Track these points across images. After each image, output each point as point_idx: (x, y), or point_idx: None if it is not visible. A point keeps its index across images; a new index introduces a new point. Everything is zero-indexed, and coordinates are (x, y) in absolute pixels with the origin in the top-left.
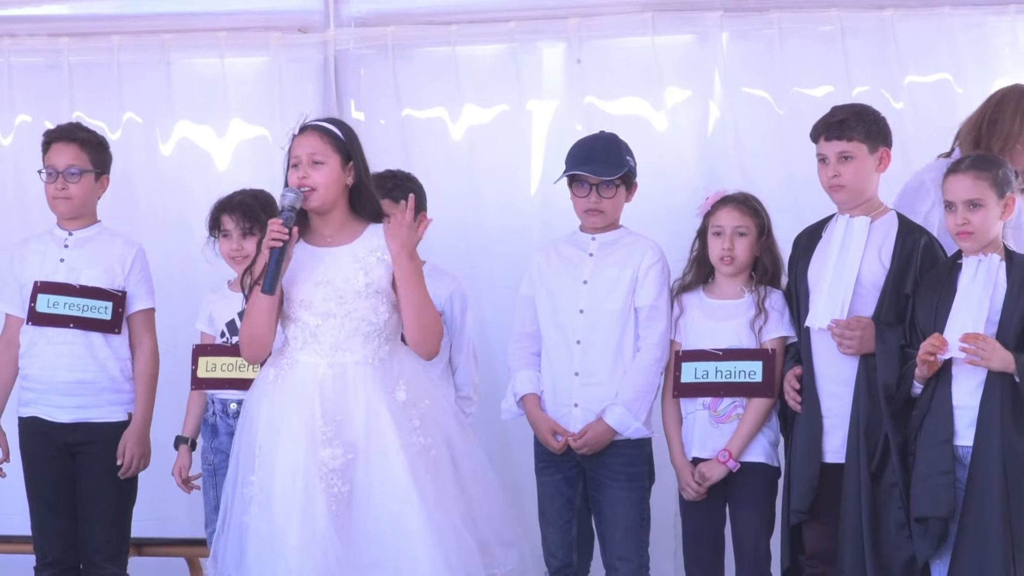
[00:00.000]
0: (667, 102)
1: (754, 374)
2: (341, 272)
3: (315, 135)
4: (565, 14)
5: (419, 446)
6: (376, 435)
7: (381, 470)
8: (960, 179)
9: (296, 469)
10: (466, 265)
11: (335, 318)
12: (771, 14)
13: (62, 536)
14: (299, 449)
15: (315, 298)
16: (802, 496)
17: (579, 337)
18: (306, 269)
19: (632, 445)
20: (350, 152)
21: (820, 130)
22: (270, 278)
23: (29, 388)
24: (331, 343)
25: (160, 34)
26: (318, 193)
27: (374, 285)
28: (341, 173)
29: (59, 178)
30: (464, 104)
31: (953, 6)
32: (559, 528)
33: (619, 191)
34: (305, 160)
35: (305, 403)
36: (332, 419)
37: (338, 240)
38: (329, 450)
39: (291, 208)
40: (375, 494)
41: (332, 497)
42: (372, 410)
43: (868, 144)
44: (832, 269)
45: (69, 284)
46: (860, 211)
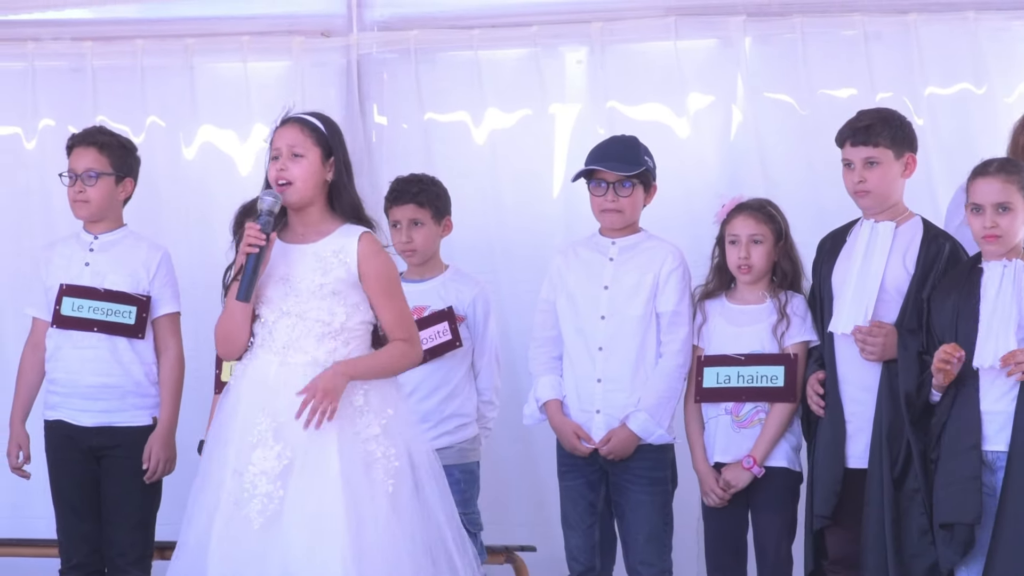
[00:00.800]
0: (689, 107)
1: (776, 379)
2: (300, 270)
3: (296, 127)
4: (588, 18)
5: (378, 454)
6: (317, 439)
7: (316, 476)
8: (989, 182)
9: (231, 469)
10: (488, 269)
11: (289, 317)
12: (794, 19)
13: (87, 539)
14: (236, 448)
15: (275, 295)
16: (825, 501)
17: (601, 343)
18: (272, 266)
19: (655, 450)
20: (332, 147)
21: (846, 135)
22: (245, 284)
23: (54, 392)
24: (284, 342)
25: (183, 38)
26: (295, 187)
27: (330, 286)
28: (321, 168)
29: (77, 181)
30: (487, 108)
31: (977, 10)
32: (582, 532)
33: (636, 190)
34: (285, 152)
35: (252, 402)
36: (275, 419)
37: (308, 238)
38: (262, 451)
39: (269, 212)
40: (306, 499)
41: (262, 500)
42: None
43: (894, 150)
44: (856, 274)
45: (94, 288)
46: (885, 216)
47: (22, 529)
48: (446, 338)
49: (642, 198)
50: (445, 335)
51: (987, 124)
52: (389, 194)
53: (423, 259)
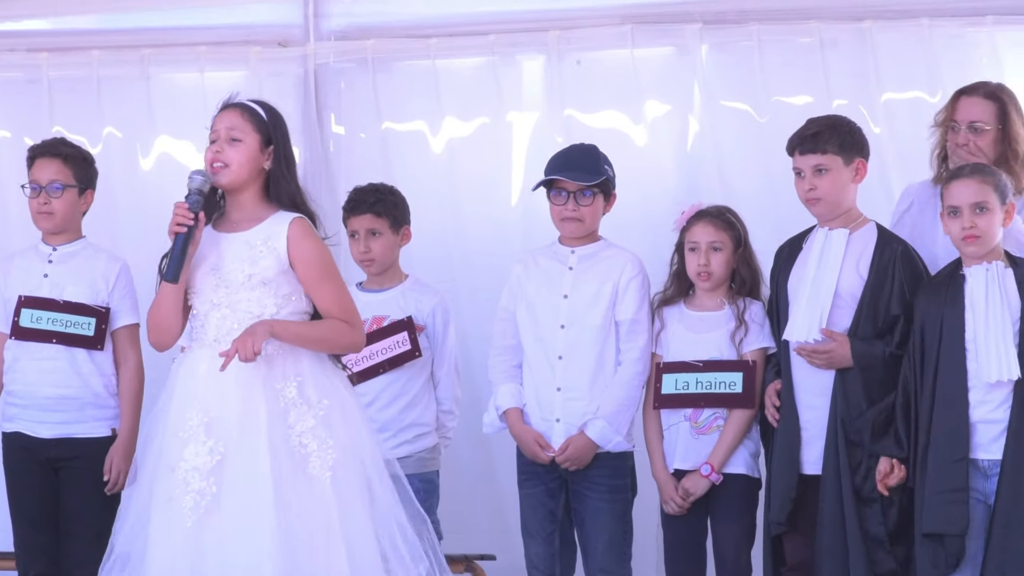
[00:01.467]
0: (647, 114)
1: (734, 385)
2: (229, 259)
3: (236, 111)
4: (545, 27)
5: (308, 449)
6: (249, 434)
7: (246, 471)
8: (965, 183)
9: (161, 464)
10: (447, 278)
11: (221, 308)
12: (750, 26)
13: (44, 551)
14: (167, 444)
15: (205, 286)
16: (780, 508)
17: (561, 352)
18: (202, 255)
19: (614, 457)
20: (272, 135)
21: (795, 144)
22: (173, 265)
23: (12, 403)
24: (215, 335)
25: (140, 49)
26: (230, 170)
27: (259, 276)
28: (258, 154)
29: (42, 193)
30: (444, 117)
31: (931, 17)
32: (542, 540)
33: (597, 199)
34: (223, 135)
35: (184, 396)
36: (206, 414)
37: (241, 226)
38: (193, 447)
39: (198, 192)
40: (239, 496)
41: (192, 496)
42: (248, 408)
43: (843, 156)
44: (811, 282)
45: (52, 299)
46: (839, 223)
47: None
48: (405, 348)
49: (602, 207)
50: (404, 345)
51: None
52: (347, 204)
53: (381, 268)
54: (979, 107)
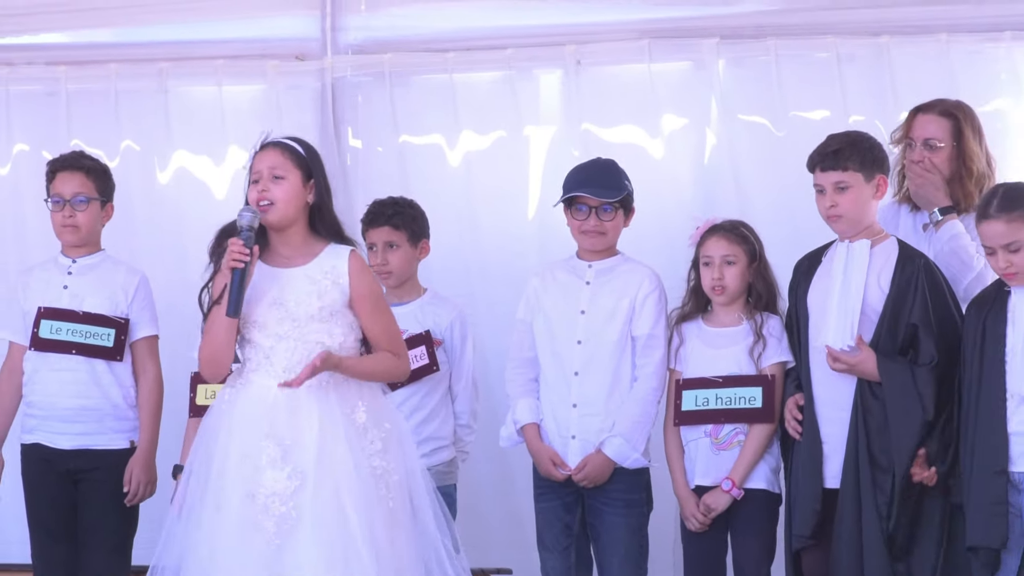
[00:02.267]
0: (664, 129)
1: (754, 400)
2: (295, 294)
3: (276, 150)
4: (562, 41)
5: (381, 470)
6: (328, 460)
7: (330, 496)
8: (992, 225)
9: (238, 492)
10: (464, 291)
11: (288, 340)
12: (767, 41)
13: (62, 563)
14: (243, 472)
15: (269, 319)
16: (804, 522)
17: (577, 368)
18: (261, 289)
19: (630, 473)
20: (311, 169)
21: (816, 161)
22: (234, 299)
23: (31, 415)
24: (284, 365)
25: (158, 62)
26: (277, 207)
27: (328, 308)
28: (302, 189)
29: (66, 206)
30: (461, 131)
31: (949, 33)
32: (558, 554)
33: (618, 214)
34: (266, 174)
35: (255, 425)
36: (281, 442)
37: (295, 260)
38: (272, 472)
39: (249, 227)
40: (323, 521)
41: (273, 521)
42: (326, 434)
43: (864, 173)
44: (838, 294)
45: (72, 310)
46: (859, 237)
47: None
48: (423, 362)
49: (622, 221)
50: (423, 359)
51: None
52: (365, 216)
53: (399, 281)
54: (934, 124)
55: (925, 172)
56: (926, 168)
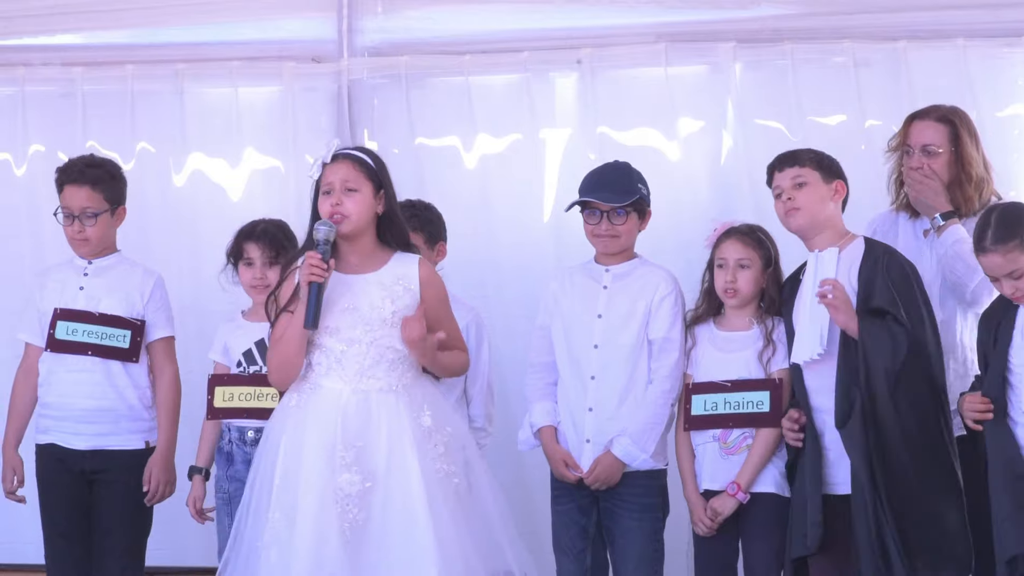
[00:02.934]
0: (680, 132)
1: (762, 404)
2: (368, 299)
3: (348, 163)
4: (578, 44)
5: (443, 473)
6: (398, 463)
7: (400, 499)
8: (990, 257)
9: (313, 494)
10: (480, 294)
11: (360, 344)
12: (784, 45)
13: (76, 564)
14: (319, 474)
15: (341, 324)
16: (811, 535)
17: (593, 372)
18: (333, 296)
19: (645, 476)
20: (381, 181)
21: (773, 166)
22: (311, 312)
23: (47, 415)
24: (356, 369)
25: (174, 63)
26: (351, 220)
27: (400, 313)
28: (373, 201)
29: (75, 221)
30: (477, 133)
31: (967, 37)
32: (574, 557)
33: (630, 218)
34: (339, 187)
35: (326, 428)
36: (353, 445)
37: (365, 268)
38: (347, 475)
39: (326, 241)
40: (392, 523)
41: (347, 523)
42: (395, 437)
43: (821, 173)
44: (808, 303)
45: (88, 312)
46: (827, 242)
47: (11, 554)
48: None
49: (637, 224)
50: None
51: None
52: None
53: None
54: (931, 130)
55: (924, 178)
56: (925, 174)
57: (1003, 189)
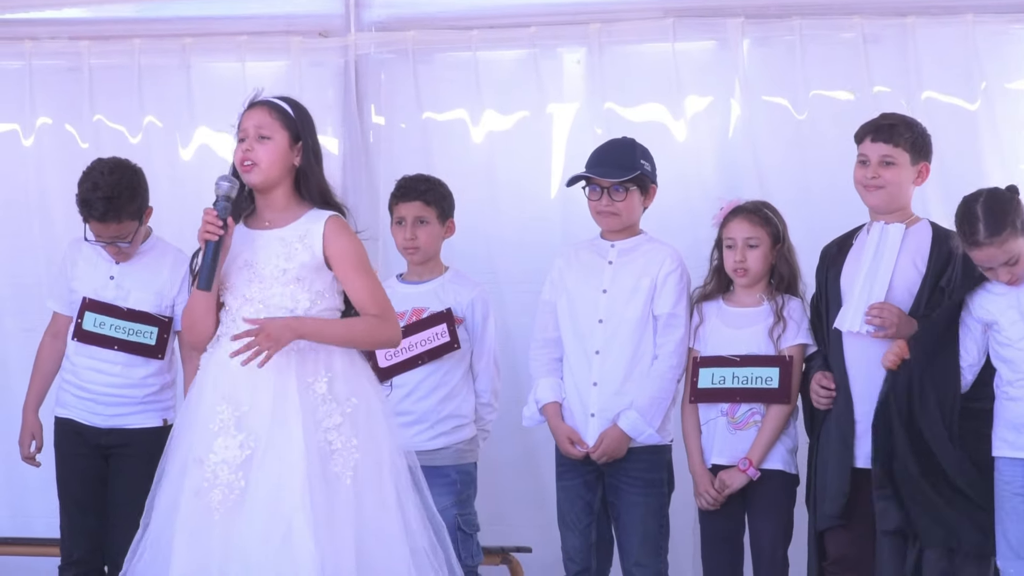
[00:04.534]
0: (687, 108)
1: (771, 380)
2: (263, 256)
3: (264, 109)
4: (586, 19)
5: (337, 444)
6: (280, 429)
7: (277, 467)
8: (984, 251)
9: (193, 458)
10: (487, 269)
11: (253, 304)
12: (792, 20)
13: (89, 536)
14: (199, 437)
15: (239, 281)
16: (834, 501)
17: (598, 347)
18: (236, 252)
19: (650, 452)
20: (300, 131)
21: (867, 131)
22: (205, 273)
23: (67, 391)
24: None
25: (181, 38)
26: (260, 168)
27: (293, 272)
28: (288, 152)
29: (111, 245)
30: (484, 109)
31: (976, 13)
32: (579, 533)
33: (631, 194)
34: (252, 134)
35: (218, 390)
36: (238, 407)
37: (276, 223)
38: (223, 439)
39: (226, 198)
40: (268, 491)
41: (220, 488)
42: (279, 403)
43: (911, 154)
44: (864, 275)
45: (116, 306)
46: (894, 219)
47: (21, 528)
48: (444, 340)
49: (639, 200)
50: (444, 337)
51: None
52: (396, 190)
53: (425, 258)
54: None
55: None
56: None
57: (1010, 164)
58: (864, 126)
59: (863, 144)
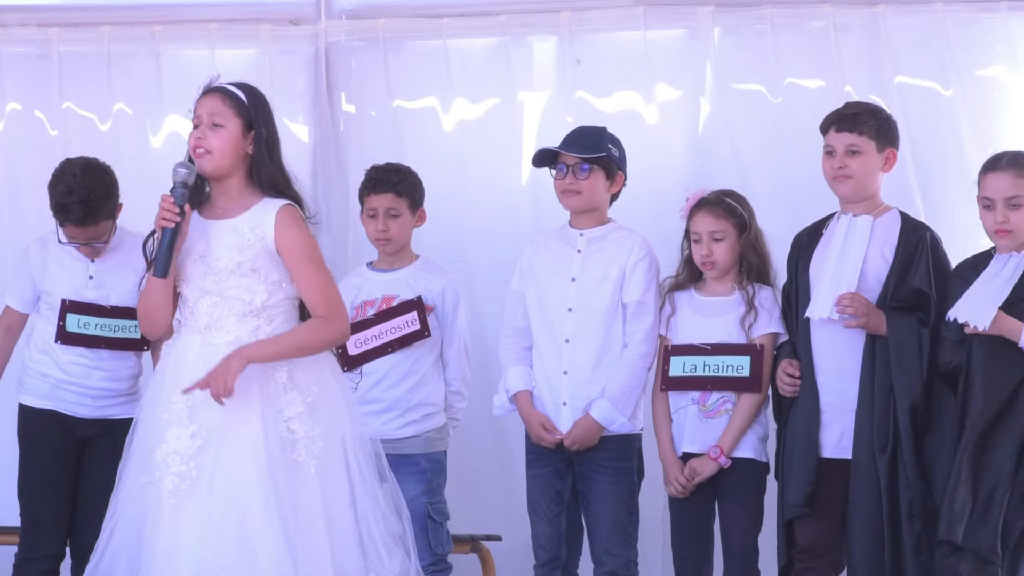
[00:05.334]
0: (658, 97)
1: (742, 369)
2: (218, 247)
3: (217, 96)
4: (557, 8)
5: (299, 435)
6: (236, 419)
7: (232, 457)
8: (1000, 177)
9: (142, 450)
10: (458, 258)
11: (210, 295)
12: (763, 9)
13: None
14: (152, 429)
15: (194, 273)
16: (799, 490)
17: (568, 336)
18: (191, 242)
19: (621, 440)
20: (252, 119)
21: (832, 121)
22: (162, 260)
23: (49, 383)
24: (205, 322)
25: (150, 25)
26: (212, 157)
27: (248, 264)
28: (241, 140)
29: (86, 246)
30: (455, 97)
31: (945, 2)
32: (549, 521)
33: (596, 174)
34: (205, 121)
35: (173, 381)
36: (191, 398)
37: (229, 212)
38: (176, 429)
39: (183, 185)
40: (223, 481)
41: (171, 478)
42: (240, 390)
43: (877, 142)
44: (834, 265)
45: (100, 305)
46: (862, 209)
47: None
48: (415, 328)
49: (603, 184)
50: (414, 325)
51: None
52: (367, 181)
53: (396, 248)
54: None
55: None
56: None
57: (982, 151)
58: (828, 117)
59: (828, 135)
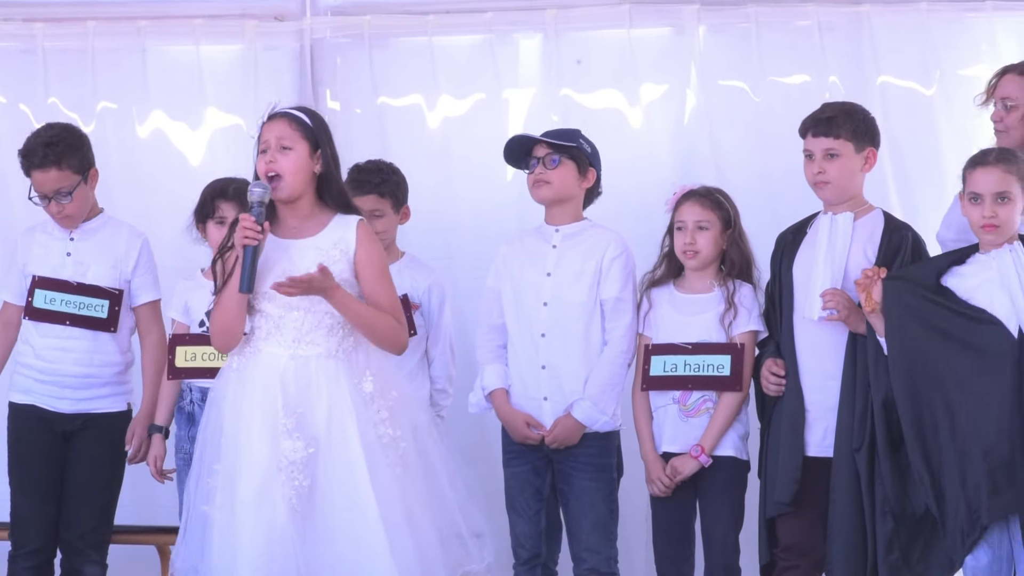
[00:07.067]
0: (643, 94)
1: (722, 368)
2: (304, 264)
3: (284, 121)
4: (542, 5)
5: (387, 438)
6: (338, 428)
7: (341, 464)
8: (989, 171)
9: (257, 461)
10: (442, 255)
11: (298, 311)
12: (748, 8)
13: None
14: (262, 441)
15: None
16: (784, 488)
17: (544, 330)
18: (271, 261)
19: (600, 437)
20: (318, 140)
21: (808, 126)
22: (246, 276)
23: (28, 376)
24: (293, 335)
25: (136, 21)
26: (285, 180)
27: (336, 278)
28: (309, 161)
29: (52, 202)
30: (440, 94)
31: (930, 1)
32: (528, 519)
33: (565, 166)
34: (273, 145)
35: (268, 394)
36: (294, 411)
37: (304, 231)
38: (290, 442)
39: (260, 203)
40: (335, 488)
41: (293, 490)
42: (335, 403)
43: (855, 143)
44: (821, 264)
45: (67, 281)
46: (844, 209)
47: None
48: None
49: (574, 177)
50: None
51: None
52: (349, 183)
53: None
54: (1013, 84)
55: (1000, 132)
56: (1001, 129)
57: (965, 150)
58: (805, 120)
59: (807, 139)
